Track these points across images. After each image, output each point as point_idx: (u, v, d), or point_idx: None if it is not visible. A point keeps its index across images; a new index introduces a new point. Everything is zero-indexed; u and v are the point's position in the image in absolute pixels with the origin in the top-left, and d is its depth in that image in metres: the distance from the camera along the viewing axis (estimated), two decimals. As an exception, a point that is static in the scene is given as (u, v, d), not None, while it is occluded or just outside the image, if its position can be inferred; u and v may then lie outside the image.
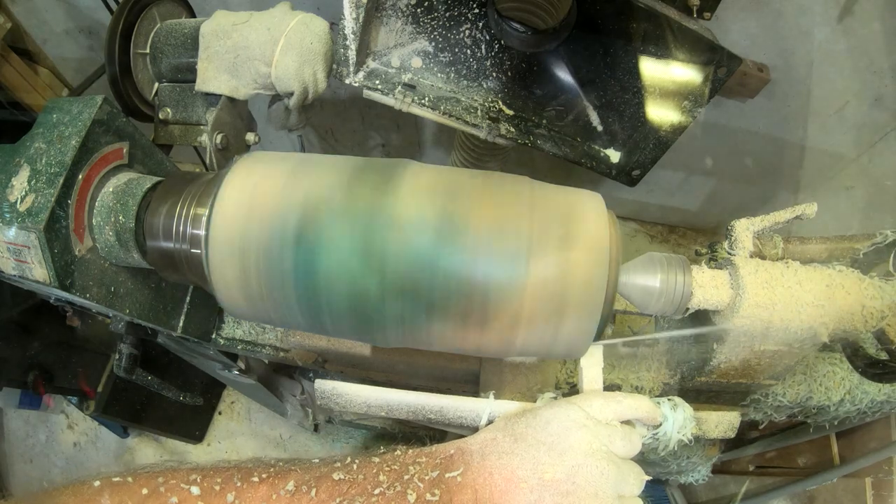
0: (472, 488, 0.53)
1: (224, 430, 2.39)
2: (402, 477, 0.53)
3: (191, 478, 0.50)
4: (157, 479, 0.49)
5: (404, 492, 0.51)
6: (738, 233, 0.74)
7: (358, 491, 0.51)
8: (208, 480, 0.50)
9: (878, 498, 1.24)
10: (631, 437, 0.59)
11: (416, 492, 0.52)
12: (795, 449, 1.49)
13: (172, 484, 0.49)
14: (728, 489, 1.68)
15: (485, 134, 1.05)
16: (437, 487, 0.52)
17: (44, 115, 0.69)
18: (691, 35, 0.97)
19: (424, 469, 0.54)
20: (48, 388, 1.97)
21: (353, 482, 0.52)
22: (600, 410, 0.59)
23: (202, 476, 0.50)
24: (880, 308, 0.66)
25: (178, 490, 0.48)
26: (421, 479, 0.53)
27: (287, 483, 0.51)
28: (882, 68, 1.50)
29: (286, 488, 0.50)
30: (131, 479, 0.49)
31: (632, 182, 1.14)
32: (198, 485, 0.49)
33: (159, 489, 0.48)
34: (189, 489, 0.49)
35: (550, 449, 0.55)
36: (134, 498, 0.47)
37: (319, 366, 1.07)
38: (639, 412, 0.61)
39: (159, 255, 0.68)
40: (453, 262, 0.57)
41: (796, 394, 0.96)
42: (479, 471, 0.54)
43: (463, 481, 0.53)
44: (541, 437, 0.56)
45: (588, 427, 0.56)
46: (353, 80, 0.97)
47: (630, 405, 0.61)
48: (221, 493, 0.49)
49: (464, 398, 0.67)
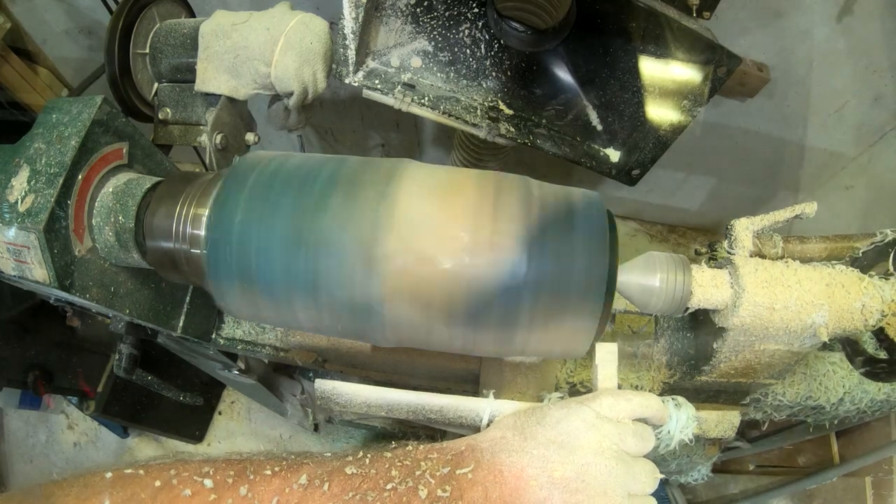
0: (483, 485, 0.53)
1: (224, 430, 2.39)
2: (414, 472, 0.53)
3: (203, 470, 0.50)
4: (170, 471, 0.49)
5: (416, 487, 0.52)
6: (738, 232, 0.74)
7: (370, 486, 0.51)
8: (221, 473, 0.50)
9: (878, 497, 1.24)
10: (643, 435, 0.59)
11: (427, 487, 0.52)
12: (795, 448, 1.49)
13: (185, 476, 0.49)
14: (728, 489, 1.68)
15: (484, 133, 1.05)
16: (448, 484, 0.52)
17: (43, 116, 0.69)
18: (691, 34, 0.97)
19: (436, 465, 0.54)
20: (48, 388, 1.96)
21: (366, 476, 0.52)
22: (610, 409, 0.59)
23: (214, 469, 0.50)
24: (880, 307, 0.66)
25: (190, 482, 0.48)
26: (432, 475, 0.53)
27: (300, 477, 0.51)
28: (882, 68, 1.50)
29: (299, 482, 0.50)
30: (143, 471, 0.49)
31: (632, 181, 1.14)
32: (210, 477, 0.49)
33: (171, 481, 0.48)
34: (202, 482, 0.48)
35: (560, 447, 0.55)
36: (146, 490, 0.47)
37: (319, 366, 1.07)
38: (648, 411, 0.61)
39: (159, 255, 0.68)
40: (452, 262, 0.57)
41: (796, 393, 0.96)
42: (490, 468, 0.54)
43: (473, 478, 0.53)
44: (551, 436, 0.56)
45: (598, 426, 0.57)
46: (352, 79, 0.97)
47: (640, 403, 0.61)
48: (234, 486, 0.49)
49: (464, 398, 0.67)
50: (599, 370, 0.65)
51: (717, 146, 1.89)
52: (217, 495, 0.48)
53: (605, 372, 0.65)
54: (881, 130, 1.65)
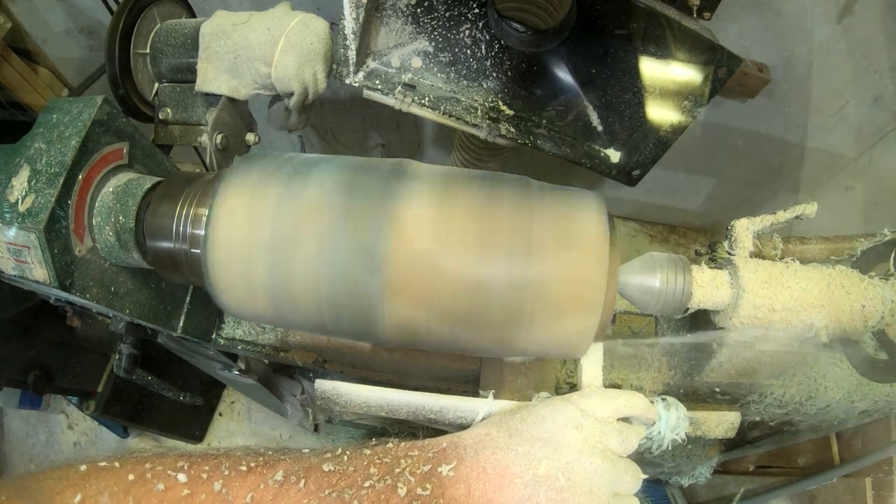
0: (466, 483, 0.53)
1: (224, 431, 2.39)
2: (394, 470, 0.52)
3: (178, 465, 0.49)
4: (145, 464, 0.48)
5: (395, 485, 0.51)
6: (738, 233, 0.74)
7: (348, 483, 0.51)
8: (196, 468, 0.49)
9: (878, 498, 1.24)
10: (627, 435, 0.58)
11: (406, 485, 0.51)
12: (795, 449, 1.49)
13: (159, 471, 0.48)
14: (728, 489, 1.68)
15: (485, 134, 1.05)
16: (429, 482, 0.52)
17: (44, 116, 0.69)
18: (691, 35, 0.97)
19: (416, 463, 0.53)
20: (48, 388, 1.96)
21: (343, 474, 0.51)
22: (596, 407, 0.59)
23: (190, 463, 0.49)
24: (880, 308, 0.66)
25: (164, 477, 0.48)
26: (412, 472, 0.52)
27: (276, 473, 0.50)
28: (882, 68, 1.50)
29: (274, 478, 0.50)
30: (118, 463, 0.48)
31: (632, 182, 1.14)
32: (185, 472, 0.48)
33: (146, 475, 0.47)
34: (176, 476, 0.48)
35: (545, 445, 0.55)
36: (120, 484, 0.46)
37: (319, 366, 1.07)
38: (634, 409, 0.61)
39: (159, 255, 0.68)
40: (453, 262, 0.57)
41: (796, 394, 0.96)
42: (473, 465, 0.54)
43: (456, 476, 0.53)
44: (536, 434, 0.56)
45: (583, 424, 0.56)
46: (353, 80, 0.97)
47: (625, 402, 0.61)
48: (209, 482, 0.48)
49: (464, 398, 0.67)
50: (585, 369, 0.65)
51: (718, 147, 1.89)
52: (190, 490, 0.47)
53: (590, 370, 0.65)
54: (881, 131, 1.65)
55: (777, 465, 1.55)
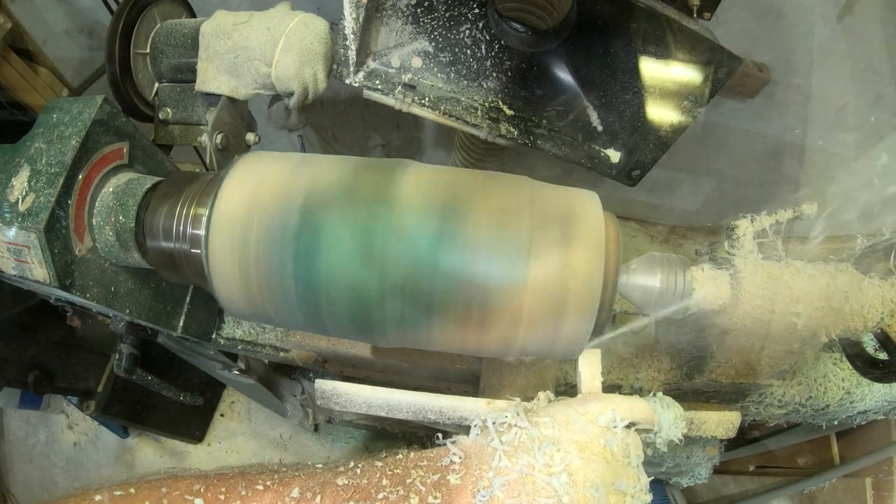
0: (471, 491, 0.53)
1: (224, 430, 2.39)
2: (405, 481, 0.53)
3: (194, 488, 0.49)
4: (161, 489, 0.49)
5: (407, 496, 0.52)
6: (739, 233, 0.74)
7: (362, 496, 0.51)
8: (212, 491, 0.49)
9: (878, 498, 1.24)
10: (629, 441, 0.59)
11: (418, 495, 0.52)
12: (795, 449, 1.49)
13: (176, 496, 0.48)
14: (728, 489, 1.68)
15: (485, 134, 1.05)
16: (438, 490, 0.53)
17: (44, 115, 0.69)
18: (691, 35, 0.97)
19: (426, 473, 0.54)
20: (48, 388, 1.96)
21: (357, 487, 0.52)
22: (598, 414, 0.59)
23: (206, 486, 0.50)
24: (880, 308, 0.66)
25: (181, 502, 0.48)
26: (423, 482, 0.53)
27: (292, 490, 0.51)
28: (882, 68, 1.50)
29: (291, 495, 0.50)
30: (133, 489, 0.48)
31: (632, 182, 1.14)
32: (201, 495, 0.49)
33: (162, 501, 0.48)
34: (193, 501, 0.48)
35: (548, 451, 0.55)
36: None
37: (319, 366, 1.07)
38: (636, 414, 0.61)
39: (159, 255, 0.68)
40: (453, 262, 0.57)
41: (796, 394, 0.96)
42: (477, 473, 0.54)
43: (462, 484, 0.54)
44: (538, 440, 0.56)
45: (585, 430, 0.57)
46: (353, 80, 0.97)
47: (627, 408, 0.61)
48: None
49: (464, 398, 0.67)
50: (583, 374, 0.65)
51: (718, 147, 1.88)
52: None
53: (589, 375, 0.65)
54: (881, 131, 1.65)
55: (777, 465, 1.55)
